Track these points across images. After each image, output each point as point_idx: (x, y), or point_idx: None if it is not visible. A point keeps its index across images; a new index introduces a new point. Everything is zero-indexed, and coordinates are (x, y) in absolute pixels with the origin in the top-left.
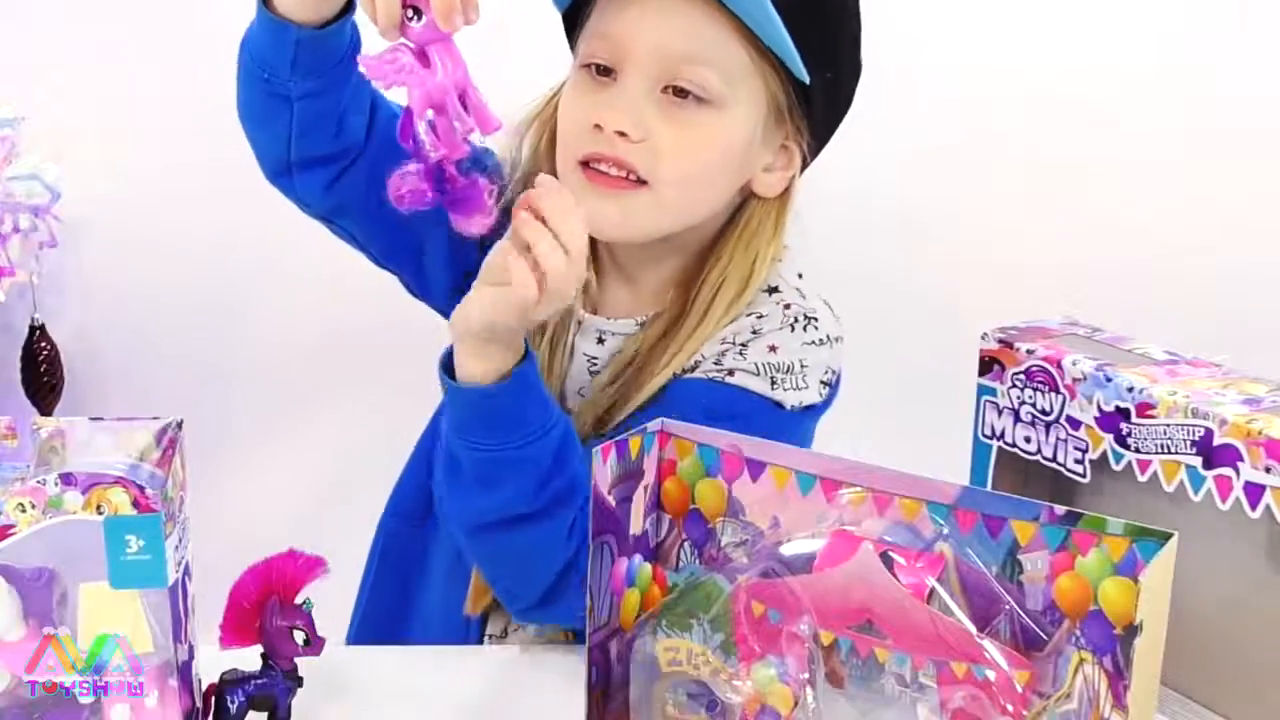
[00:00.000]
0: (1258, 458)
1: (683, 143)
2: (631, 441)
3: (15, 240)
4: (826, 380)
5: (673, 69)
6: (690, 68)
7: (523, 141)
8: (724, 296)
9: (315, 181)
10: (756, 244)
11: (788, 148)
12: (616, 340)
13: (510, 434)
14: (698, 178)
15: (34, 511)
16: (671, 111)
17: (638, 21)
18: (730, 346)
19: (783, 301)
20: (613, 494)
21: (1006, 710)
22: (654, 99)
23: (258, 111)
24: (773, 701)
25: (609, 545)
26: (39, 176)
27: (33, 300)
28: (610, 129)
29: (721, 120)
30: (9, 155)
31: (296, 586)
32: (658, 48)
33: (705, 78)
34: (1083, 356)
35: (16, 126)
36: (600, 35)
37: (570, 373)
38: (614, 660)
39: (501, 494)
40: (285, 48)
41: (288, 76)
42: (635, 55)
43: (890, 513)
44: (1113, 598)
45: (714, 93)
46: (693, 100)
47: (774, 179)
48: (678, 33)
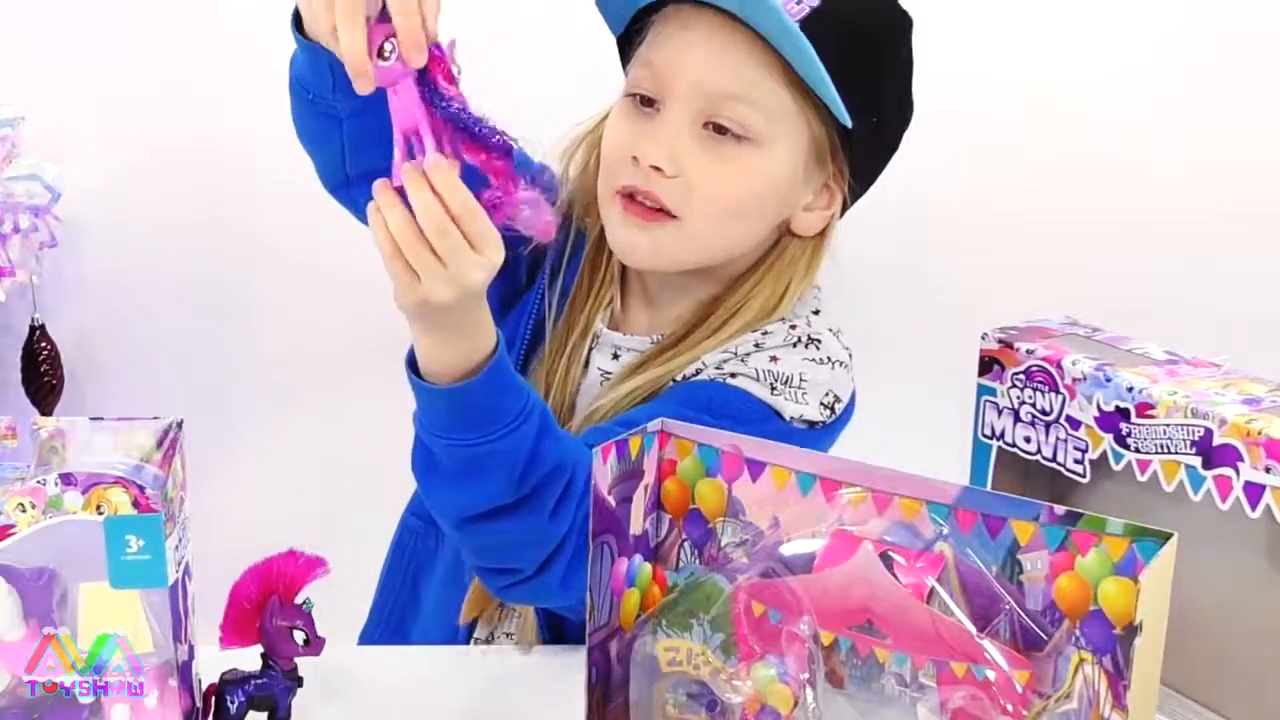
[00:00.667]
0: (1257, 458)
1: (717, 178)
2: (631, 441)
3: (15, 240)
4: (827, 403)
5: (714, 105)
6: (731, 105)
7: (570, 161)
8: (738, 320)
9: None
10: (787, 277)
11: (830, 188)
12: (631, 356)
13: (487, 427)
14: (729, 213)
15: (34, 511)
16: (710, 146)
17: (683, 55)
18: (732, 356)
19: (789, 324)
20: (613, 494)
21: (1006, 710)
22: (694, 133)
23: (310, 130)
24: (773, 701)
25: (609, 545)
26: (39, 176)
27: (33, 300)
28: (646, 163)
29: (760, 158)
30: (9, 155)
31: (296, 586)
32: (700, 83)
33: (746, 116)
34: (1083, 356)
35: (16, 126)
36: (646, 64)
37: (583, 385)
38: (614, 660)
39: (483, 488)
40: (322, 71)
41: (331, 97)
42: (677, 89)
43: (890, 513)
44: (1113, 598)
45: (754, 131)
46: (731, 137)
47: (813, 218)
48: (721, 70)
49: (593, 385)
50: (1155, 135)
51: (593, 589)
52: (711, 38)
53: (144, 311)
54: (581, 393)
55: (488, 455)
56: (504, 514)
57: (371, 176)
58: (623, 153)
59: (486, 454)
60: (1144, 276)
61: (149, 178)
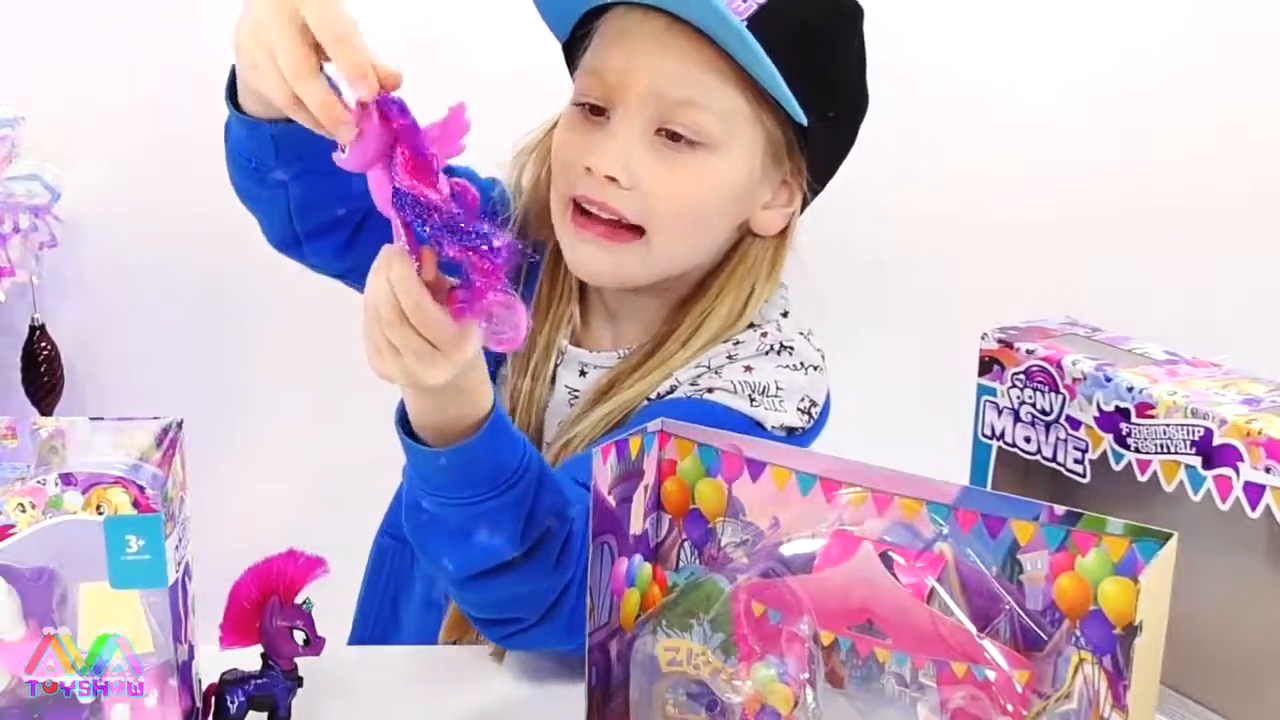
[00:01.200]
0: (1257, 458)
1: (675, 187)
2: (631, 441)
3: (15, 240)
4: (804, 408)
5: (666, 112)
6: (684, 111)
7: (523, 171)
8: (707, 329)
9: (327, 248)
10: (751, 280)
11: (788, 185)
12: (599, 373)
13: (486, 485)
14: (692, 221)
15: (34, 511)
16: (664, 154)
17: (631, 62)
18: (705, 370)
19: (760, 331)
20: (613, 494)
21: (1006, 710)
22: (646, 141)
23: (253, 195)
24: (773, 701)
25: (609, 545)
26: (39, 176)
27: (33, 300)
28: (600, 173)
29: (716, 162)
30: (9, 155)
31: (296, 586)
32: (651, 90)
33: (700, 121)
34: (1082, 356)
35: (16, 126)
36: (593, 72)
37: (551, 404)
38: (614, 660)
39: (486, 545)
40: (264, 140)
41: (274, 165)
42: (628, 97)
43: (890, 513)
44: (1113, 598)
45: (709, 135)
46: (686, 143)
47: (773, 217)
48: (672, 75)
49: (560, 404)
50: (1155, 135)
51: (593, 589)
52: (659, 42)
53: (144, 311)
54: (550, 411)
55: (489, 512)
56: (508, 569)
57: (322, 233)
58: (575, 164)
59: (487, 511)
60: (1144, 276)
61: (149, 178)
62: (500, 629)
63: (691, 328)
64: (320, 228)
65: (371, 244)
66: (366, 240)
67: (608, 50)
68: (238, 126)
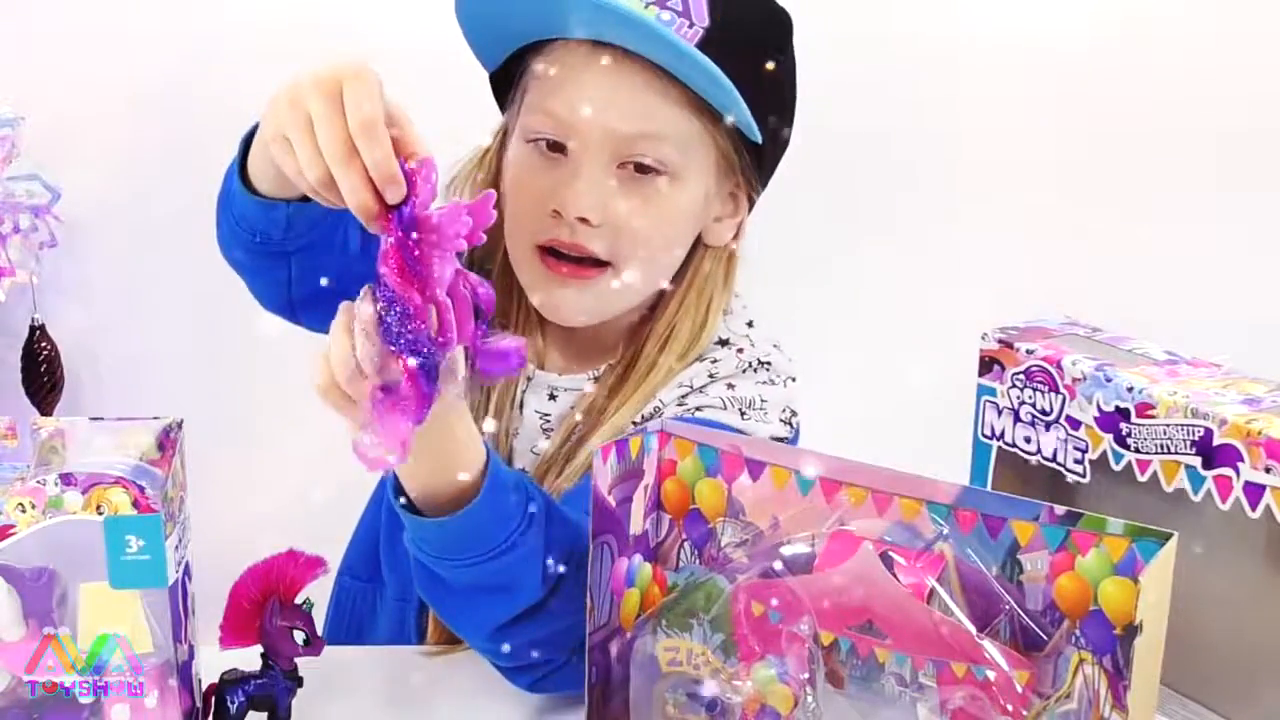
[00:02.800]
0: (1258, 458)
1: (647, 220)
2: (631, 441)
3: (15, 240)
4: (785, 418)
5: (629, 146)
6: (646, 143)
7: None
8: (673, 347)
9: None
10: (708, 292)
11: (735, 196)
12: (569, 396)
13: (497, 538)
14: (660, 248)
15: (34, 511)
16: (631, 187)
17: (586, 102)
18: (689, 390)
19: (734, 348)
20: (613, 494)
21: (1006, 710)
22: (611, 177)
23: (250, 265)
24: (773, 701)
25: (609, 545)
26: (39, 176)
27: (33, 300)
28: (572, 216)
29: (679, 189)
30: (9, 155)
31: (296, 586)
32: (610, 128)
33: (660, 151)
34: (1082, 356)
35: (16, 126)
36: (545, 113)
37: (521, 430)
38: (614, 660)
39: (509, 596)
40: (277, 221)
41: (282, 238)
42: (588, 136)
43: (890, 513)
44: (1113, 598)
45: (670, 163)
46: (650, 174)
47: (723, 228)
48: (629, 110)
49: (531, 430)
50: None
51: (593, 589)
52: (613, 77)
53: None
54: (520, 437)
55: (508, 565)
56: (535, 612)
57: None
58: (541, 207)
59: (506, 564)
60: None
61: (149, 178)
62: (530, 674)
63: (658, 345)
64: (315, 295)
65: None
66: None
67: (559, 88)
68: (246, 204)
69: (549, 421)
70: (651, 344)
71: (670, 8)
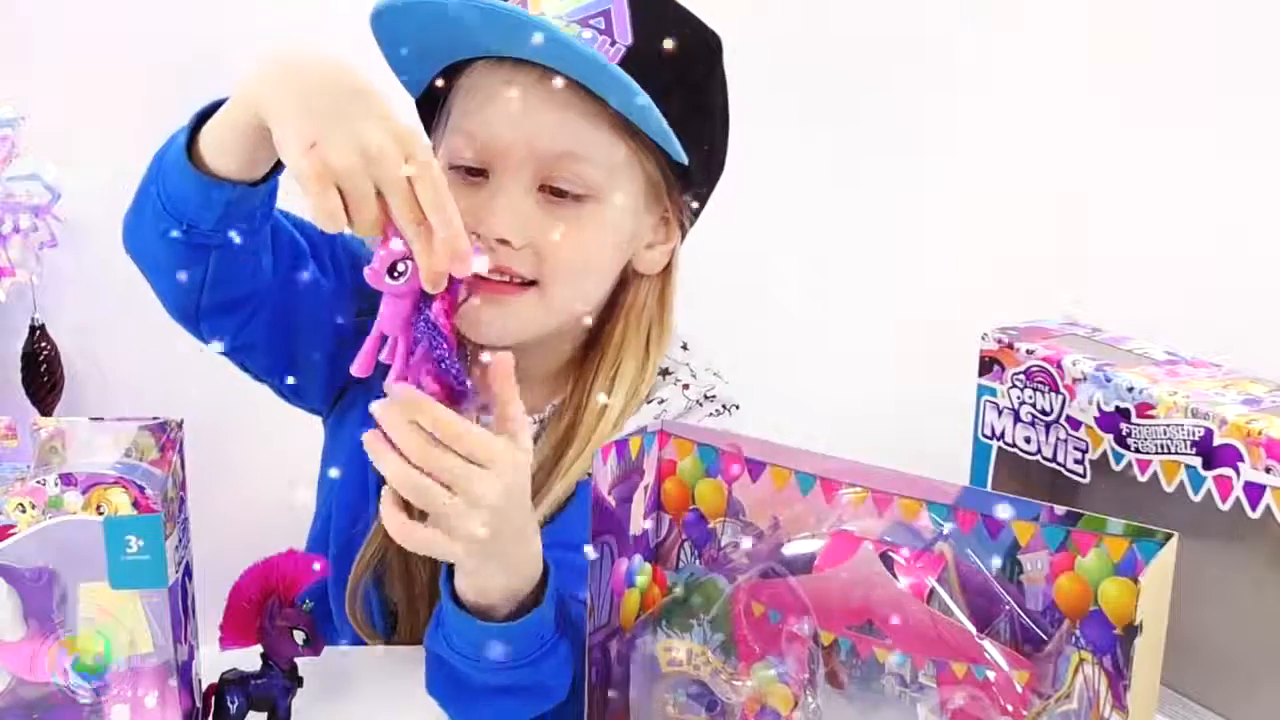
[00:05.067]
0: (1258, 458)
1: (568, 242)
2: (631, 441)
3: (15, 240)
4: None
5: (548, 167)
6: (567, 164)
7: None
8: (622, 383)
9: (226, 326)
10: (646, 320)
11: (667, 221)
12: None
13: (541, 640)
14: (583, 272)
15: (34, 511)
16: (551, 209)
17: (506, 122)
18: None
19: (679, 383)
20: (613, 494)
21: (1006, 710)
22: (531, 198)
23: (163, 258)
24: (773, 701)
25: (609, 545)
26: (39, 176)
27: (33, 300)
28: (491, 237)
29: (601, 212)
30: (9, 155)
31: (296, 586)
32: (532, 147)
33: (582, 173)
34: (1083, 356)
35: (16, 126)
36: (466, 134)
37: None
38: (614, 660)
39: (543, 695)
40: (214, 206)
41: (211, 229)
42: (507, 157)
43: (890, 513)
44: (1113, 598)
45: (593, 186)
46: (571, 198)
47: (656, 255)
48: (550, 131)
49: None
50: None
51: (593, 589)
52: (533, 96)
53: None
54: None
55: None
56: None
57: (226, 309)
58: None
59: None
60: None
61: None
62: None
63: (606, 382)
64: (226, 303)
65: (261, 327)
66: (261, 320)
67: (479, 109)
68: (186, 182)
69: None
70: (600, 380)
71: (593, 25)
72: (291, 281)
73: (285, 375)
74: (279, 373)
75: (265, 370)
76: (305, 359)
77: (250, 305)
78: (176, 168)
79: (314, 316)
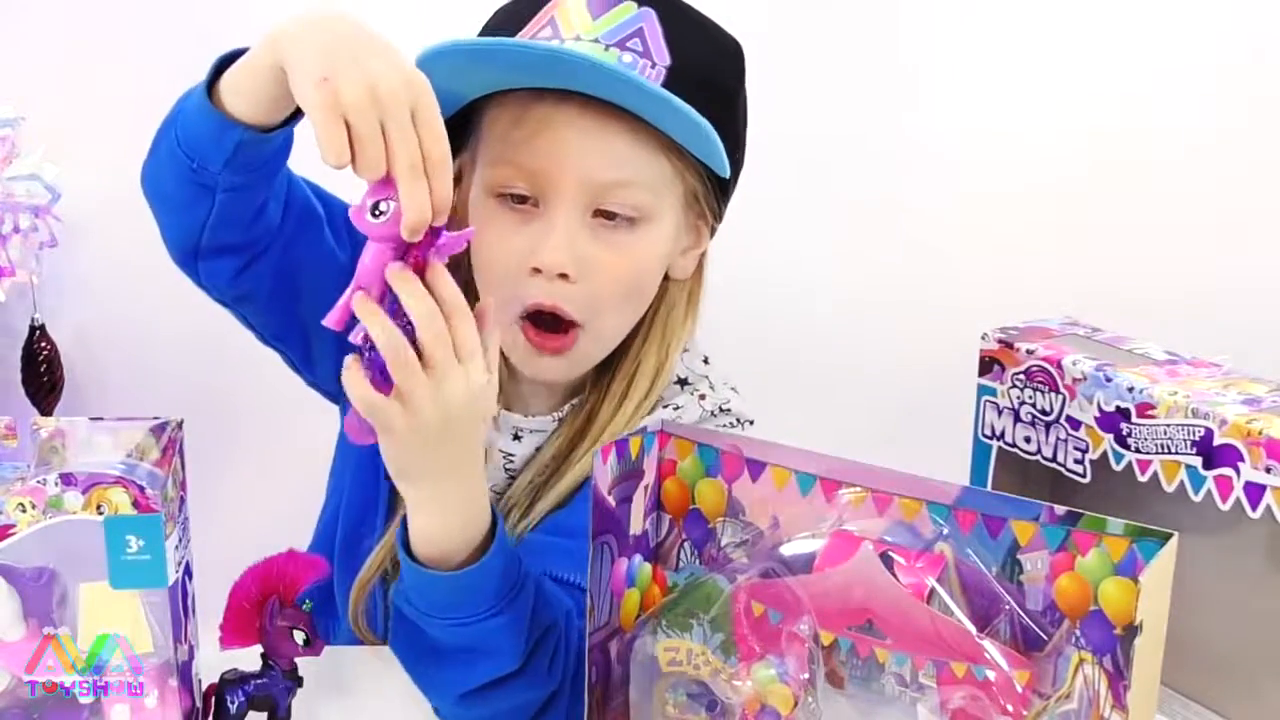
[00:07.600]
0: (1258, 458)
1: (617, 269)
2: (632, 441)
3: (15, 240)
4: None
5: (602, 195)
6: (620, 191)
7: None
8: (639, 386)
9: (223, 269)
10: (671, 325)
11: (698, 226)
12: (535, 438)
13: (491, 600)
14: (633, 295)
15: (34, 511)
16: (603, 235)
17: (557, 154)
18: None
19: (696, 393)
20: (613, 494)
21: (1006, 710)
22: (587, 230)
23: (172, 195)
24: (773, 701)
25: (609, 545)
26: (39, 176)
27: (33, 300)
28: (554, 272)
29: (651, 233)
30: (9, 155)
31: (296, 587)
32: (587, 178)
33: (634, 197)
34: (1083, 356)
35: (16, 126)
36: (514, 165)
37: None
38: (614, 660)
39: (489, 661)
40: (225, 146)
41: (218, 170)
42: (561, 188)
43: (890, 513)
44: (1113, 598)
45: (644, 209)
46: (623, 221)
47: (687, 261)
48: (601, 159)
49: (495, 470)
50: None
51: (593, 589)
52: (581, 126)
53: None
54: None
55: (494, 629)
56: (508, 681)
57: (224, 253)
58: (518, 264)
59: (493, 628)
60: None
61: None
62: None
63: (624, 385)
64: (224, 248)
65: (261, 276)
66: (257, 272)
67: (529, 141)
68: (200, 123)
69: (513, 462)
70: (619, 383)
71: (631, 49)
72: (298, 241)
73: (291, 340)
74: (284, 337)
75: (268, 330)
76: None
77: (249, 253)
78: (196, 106)
79: (322, 283)
